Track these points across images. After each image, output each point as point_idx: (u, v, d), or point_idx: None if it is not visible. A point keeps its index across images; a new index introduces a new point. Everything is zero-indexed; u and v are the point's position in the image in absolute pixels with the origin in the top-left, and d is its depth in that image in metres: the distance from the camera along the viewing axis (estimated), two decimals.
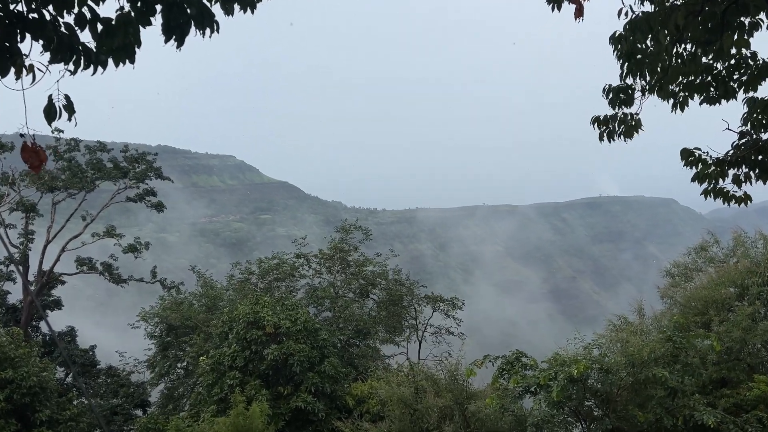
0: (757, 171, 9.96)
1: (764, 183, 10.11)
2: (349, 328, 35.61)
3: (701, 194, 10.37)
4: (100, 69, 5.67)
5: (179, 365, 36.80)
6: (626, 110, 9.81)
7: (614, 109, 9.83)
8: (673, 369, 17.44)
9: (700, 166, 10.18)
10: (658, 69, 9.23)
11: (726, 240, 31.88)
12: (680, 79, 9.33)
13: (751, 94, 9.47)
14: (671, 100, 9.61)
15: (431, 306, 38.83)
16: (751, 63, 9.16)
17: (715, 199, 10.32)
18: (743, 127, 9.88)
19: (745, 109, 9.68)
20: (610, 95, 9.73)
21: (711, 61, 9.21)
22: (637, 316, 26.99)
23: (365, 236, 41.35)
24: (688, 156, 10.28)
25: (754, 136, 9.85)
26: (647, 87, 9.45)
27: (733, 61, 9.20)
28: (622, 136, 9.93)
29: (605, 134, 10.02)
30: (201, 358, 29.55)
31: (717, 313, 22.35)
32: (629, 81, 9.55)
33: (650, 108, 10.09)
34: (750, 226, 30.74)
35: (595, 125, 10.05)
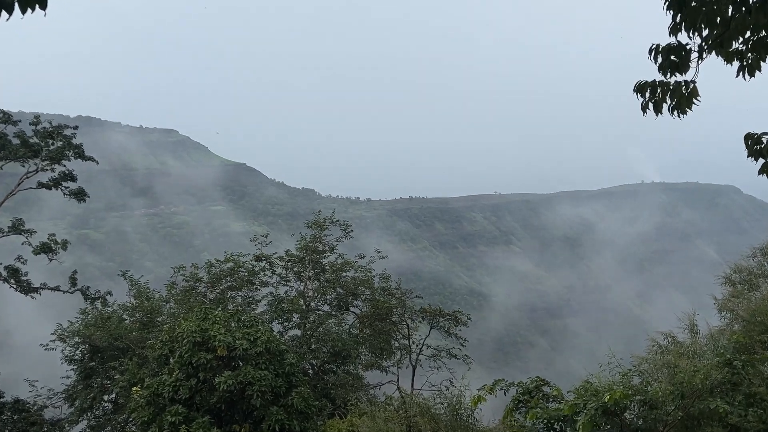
0: None
1: None
2: (323, 349, 35.52)
3: None
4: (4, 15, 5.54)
5: (106, 397, 36.55)
6: (679, 77, 9.76)
7: (665, 76, 9.78)
8: (733, 400, 17.53)
9: None
10: (718, 21, 9.20)
11: None
12: (747, 35, 9.28)
13: None
14: (736, 63, 9.56)
15: (428, 322, 38.84)
16: None
17: None
18: None
19: None
20: (660, 57, 9.68)
21: None
22: (687, 334, 27.16)
23: (344, 233, 41.26)
24: (755, 143, 10.23)
25: None
26: (705, 46, 9.41)
27: None
28: (674, 111, 9.88)
29: (651, 104, 9.97)
30: (134, 388, 29.29)
31: None
32: (681, 39, 9.51)
33: (706, 76, 10.05)
34: None
35: (638, 93, 10.00)
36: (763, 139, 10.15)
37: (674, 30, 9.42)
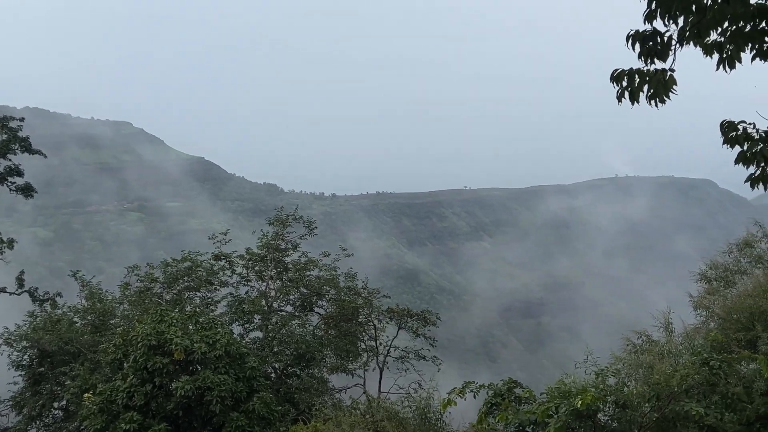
0: None
1: None
2: (286, 352, 35.43)
3: (746, 182, 10.42)
4: None
5: (56, 405, 36.14)
6: (658, 65, 9.83)
7: (645, 63, 9.84)
8: (709, 402, 17.75)
9: (746, 145, 10.21)
10: (693, 8, 9.26)
11: None
12: (725, 24, 9.35)
13: None
14: (716, 55, 9.65)
15: (396, 322, 38.87)
16: None
17: (765, 188, 10.38)
18: None
19: None
20: (638, 43, 9.73)
21: (765, 0, 9.27)
22: (662, 333, 27.48)
23: (308, 230, 41.15)
24: (731, 131, 10.33)
25: None
26: (683, 34, 9.47)
27: None
28: (651, 100, 9.95)
29: (627, 93, 10.02)
30: (86, 395, 29.02)
31: (766, 329, 22.84)
32: (657, 25, 9.57)
33: (684, 65, 10.12)
34: None
35: (615, 82, 10.05)
36: (739, 126, 10.26)
37: (649, 17, 9.47)
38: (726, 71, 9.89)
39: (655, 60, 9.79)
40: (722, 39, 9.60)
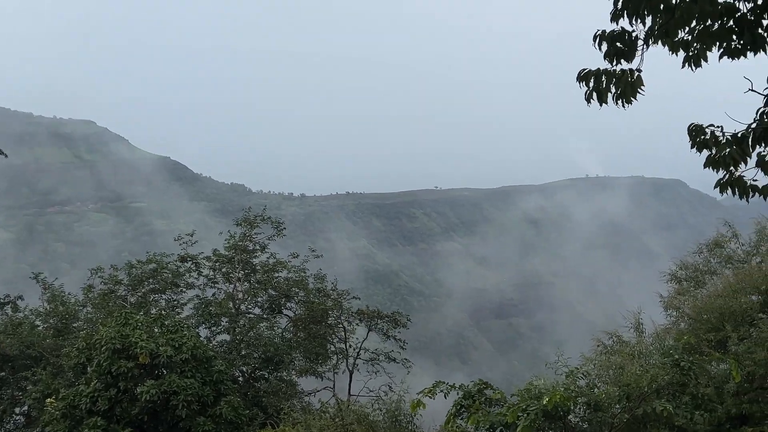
0: None
1: None
2: (254, 355, 35.32)
3: (716, 187, 10.51)
4: None
5: (17, 410, 35.75)
6: (625, 65, 9.92)
7: (611, 63, 9.92)
8: (680, 402, 17.96)
9: (714, 149, 10.30)
10: (661, 8, 9.36)
11: (747, 233, 33.13)
12: (693, 23, 9.46)
13: None
14: (682, 53, 9.75)
15: (366, 324, 38.92)
16: None
17: (734, 193, 10.45)
18: None
19: None
20: (604, 44, 9.81)
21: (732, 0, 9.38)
22: (633, 333, 27.77)
23: (277, 231, 41.05)
24: (699, 135, 10.42)
25: None
26: (650, 34, 9.57)
27: (761, 0, 9.38)
28: (618, 100, 10.03)
29: (595, 93, 10.10)
30: (48, 400, 28.74)
31: (735, 329, 23.15)
32: (624, 24, 9.66)
33: (651, 65, 10.22)
34: None
35: (582, 83, 10.12)
36: (707, 130, 10.35)
37: (615, 16, 9.56)
38: (692, 69, 9.99)
39: (622, 60, 9.88)
40: (689, 37, 9.71)
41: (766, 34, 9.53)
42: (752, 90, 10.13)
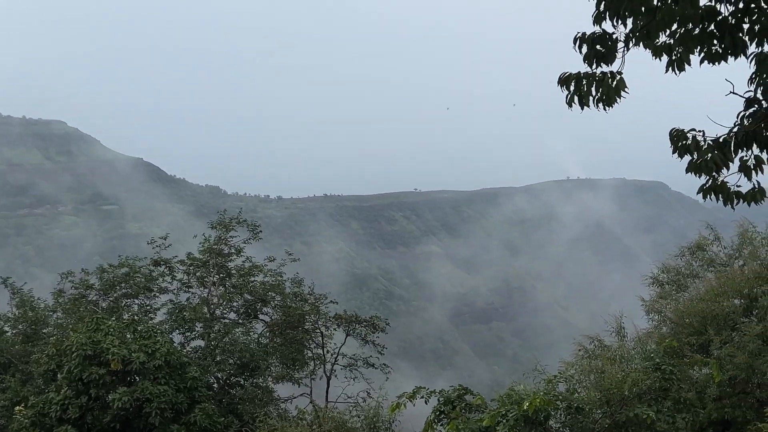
0: None
1: None
2: (229, 361, 35.25)
3: (699, 193, 10.58)
4: None
5: None
6: (605, 68, 9.99)
7: (591, 67, 9.99)
8: (661, 407, 18.11)
9: (696, 154, 10.37)
10: (643, 10, 9.44)
11: (729, 236, 33.38)
12: (674, 26, 9.55)
13: (766, 47, 9.72)
14: (665, 57, 9.83)
15: (344, 329, 38.96)
16: (765, 5, 9.45)
17: (717, 199, 10.53)
18: (752, 93, 10.19)
19: (754, 68, 9.98)
20: (585, 46, 9.89)
21: (713, 3, 9.49)
22: (615, 338, 27.94)
23: (253, 234, 40.98)
24: (680, 140, 10.49)
25: (765, 105, 10.15)
26: (631, 36, 9.66)
27: (741, 4, 9.49)
28: (599, 104, 10.10)
29: (576, 97, 10.16)
30: (17, 408, 28.55)
31: (718, 333, 23.38)
32: (606, 28, 9.74)
33: (632, 68, 10.30)
34: (760, 218, 31.97)
35: (563, 86, 10.19)
36: (688, 134, 10.43)
37: (598, 18, 9.64)
38: (675, 73, 10.09)
39: (601, 63, 9.95)
40: (671, 41, 9.80)
41: (746, 38, 9.63)
42: (733, 93, 10.23)
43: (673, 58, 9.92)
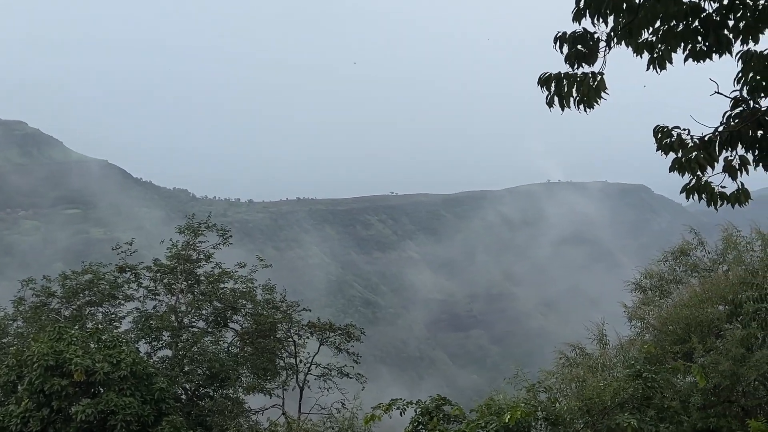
0: (756, 153, 10.28)
1: (767, 169, 10.45)
2: (198, 371, 35.06)
3: (682, 192, 10.63)
4: None
5: None
6: (587, 68, 10.02)
7: (572, 67, 10.02)
8: (644, 416, 18.22)
9: (680, 152, 10.43)
10: (624, 7, 9.48)
11: (713, 240, 33.67)
12: (657, 24, 9.59)
13: (752, 45, 9.80)
14: (646, 55, 9.88)
15: (317, 338, 38.88)
16: (750, 2, 9.51)
17: (700, 199, 10.57)
18: (738, 92, 10.26)
19: (740, 66, 10.05)
20: (566, 46, 9.91)
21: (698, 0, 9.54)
22: (596, 345, 28.09)
23: (222, 239, 40.81)
24: (665, 137, 10.55)
25: (752, 104, 10.23)
26: (613, 35, 9.69)
27: (726, 0, 9.55)
28: (581, 105, 10.12)
29: (556, 98, 10.19)
30: None
31: (701, 340, 23.58)
32: (587, 25, 9.77)
33: (615, 70, 10.33)
34: (744, 221, 32.31)
35: (544, 87, 10.21)
36: (673, 132, 10.47)
37: (578, 16, 9.67)
38: (656, 71, 10.13)
39: (583, 64, 9.98)
40: (654, 38, 9.84)
41: (731, 36, 9.69)
42: (718, 93, 10.29)
43: (655, 55, 9.96)
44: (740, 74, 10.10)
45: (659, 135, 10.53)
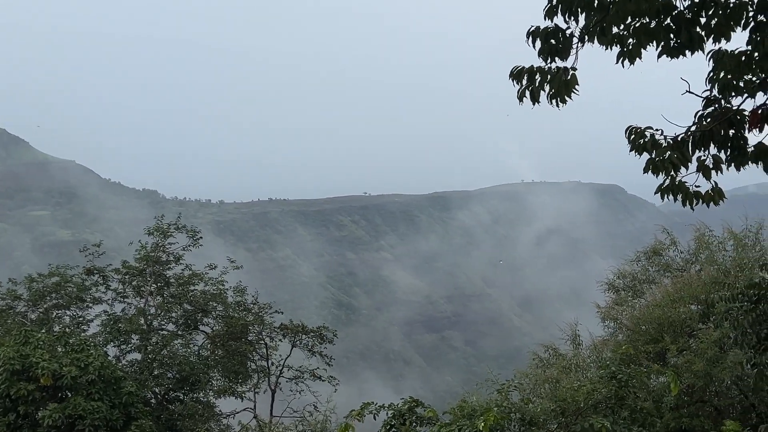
0: (728, 152, 10.37)
1: (738, 169, 10.55)
2: (168, 375, 34.92)
3: (656, 193, 10.68)
4: None
5: None
6: (560, 63, 10.06)
7: (545, 61, 10.05)
8: (617, 417, 18.33)
9: (654, 152, 10.47)
10: (596, 5, 9.52)
11: (686, 240, 33.97)
12: (629, 20, 9.64)
13: (723, 44, 9.90)
14: (617, 47, 9.92)
15: (290, 340, 38.85)
16: (722, 0, 9.58)
17: (675, 199, 10.63)
18: (709, 91, 10.35)
19: (711, 65, 10.14)
20: (538, 41, 9.93)
21: None
22: (570, 346, 28.26)
23: (192, 240, 40.60)
24: (638, 138, 10.60)
25: (723, 103, 10.32)
26: (585, 32, 9.73)
27: None
28: (552, 100, 10.15)
29: (528, 92, 10.20)
30: None
31: (674, 340, 23.78)
32: (559, 22, 9.80)
33: (588, 68, 10.38)
34: (716, 221, 32.64)
35: (515, 80, 10.22)
36: (646, 132, 10.53)
37: (550, 13, 9.70)
38: (627, 64, 10.17)
39: (556, 59, 10.02)
40: (625, 33, 9.87)
41: (703, 33, 9.77)
42: (690, 92, 10.37)
43: (625, 49, 10.00)
44: (712, 73, 10.19)
45: (632, 136, 10.60)
